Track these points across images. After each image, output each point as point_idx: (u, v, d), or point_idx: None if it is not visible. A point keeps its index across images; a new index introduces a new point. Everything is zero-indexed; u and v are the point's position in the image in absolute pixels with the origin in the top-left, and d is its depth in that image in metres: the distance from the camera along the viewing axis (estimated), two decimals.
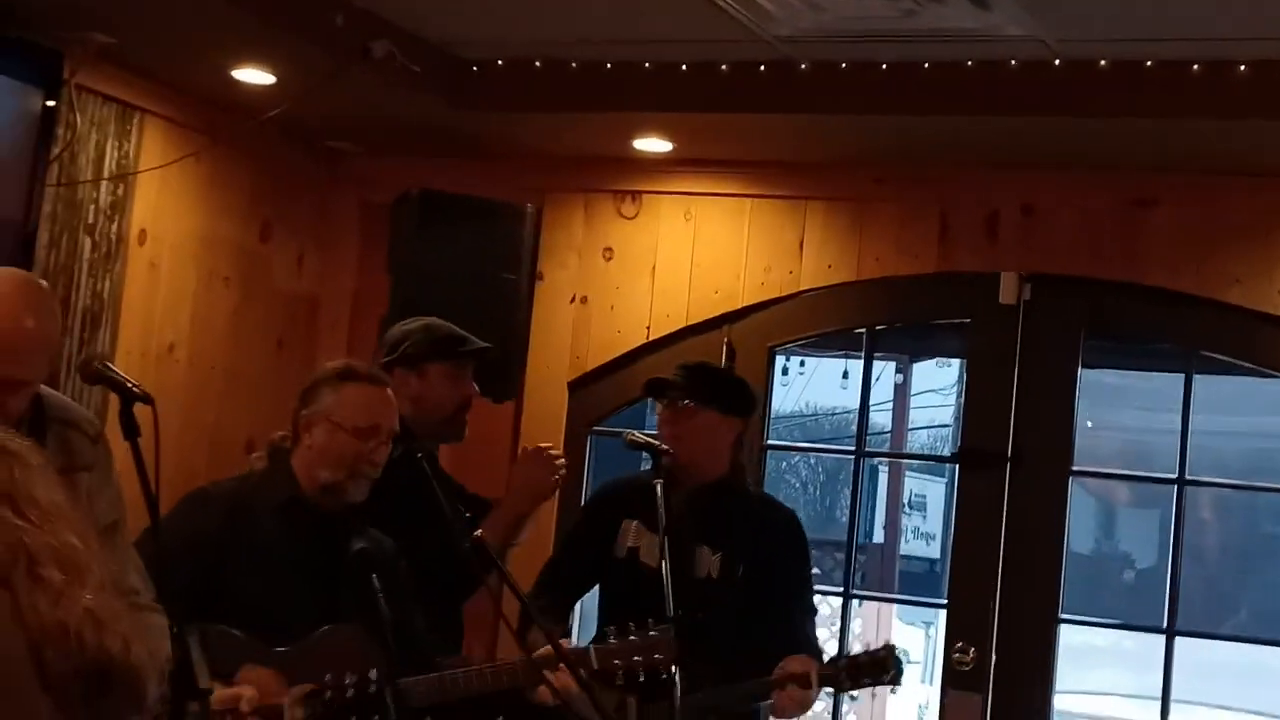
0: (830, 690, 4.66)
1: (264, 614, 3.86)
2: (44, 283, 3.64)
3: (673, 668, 3.98)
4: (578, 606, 5.49)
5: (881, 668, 4.57)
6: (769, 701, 4.55)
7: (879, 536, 14.02)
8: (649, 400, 5.77)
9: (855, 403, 6.67)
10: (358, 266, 6.70)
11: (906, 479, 14.23)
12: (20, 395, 3.36)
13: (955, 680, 5.96)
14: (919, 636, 14.53)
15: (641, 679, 4.02)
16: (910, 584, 14.16)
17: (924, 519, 15.60)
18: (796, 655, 4.53)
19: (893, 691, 4.79)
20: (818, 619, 4.97)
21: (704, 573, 4.59)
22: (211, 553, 3.90)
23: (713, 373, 5.00)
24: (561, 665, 3.87)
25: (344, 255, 6.73)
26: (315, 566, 4.01)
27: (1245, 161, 5.62)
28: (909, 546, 15.20)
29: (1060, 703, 6.15)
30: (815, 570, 5.35)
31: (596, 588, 4.94)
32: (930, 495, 15.12)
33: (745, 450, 4.93)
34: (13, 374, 3.31)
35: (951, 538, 6.24)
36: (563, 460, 4.77)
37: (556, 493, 4.90)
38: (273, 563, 3.96)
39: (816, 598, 5.13)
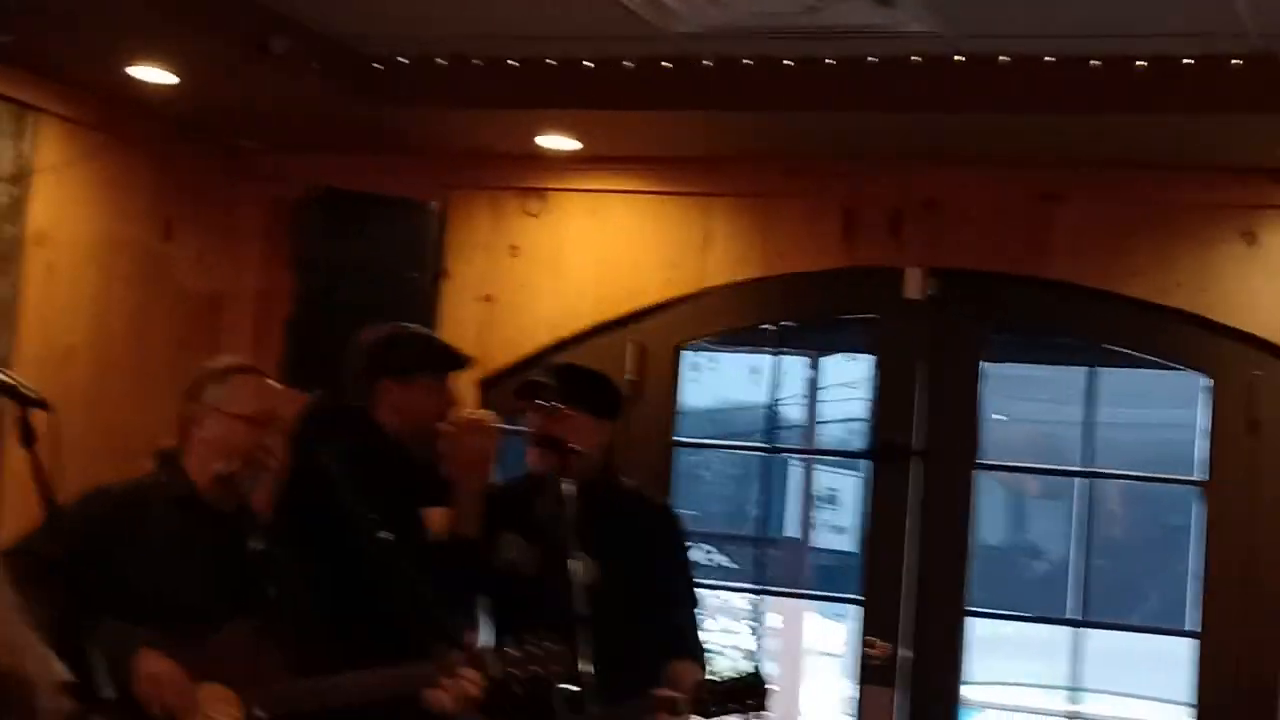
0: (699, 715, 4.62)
1: (159, 608, 3.84)
2: None
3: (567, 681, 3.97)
4: None
5: (748, 694, 4.56)
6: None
7: (792, 531, 14.05)
8: None
9: (765, 398, 6.68)
10: (261, 265, 6.63)
11: (819, 473, 14.26)
12: None
13: (869, 675, 5.98)
14: (838, 630, 14.57)
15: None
16: (825, 578, 14.19)
17: (834, 512, 15.64)
18: (679, 662, 4.53)
19: (758, 717, 4.77)
20: (702, 610, 4.96)
21: (582, 579, 4.54)
22: (101, 543, 3.88)
23: (583, 375, 4.92)
24: (457, 672, 3.84)
25: (247, 253, 6.66)
26: (212, 563, 3.99)
27: (1146, 155, 5.67)
28: (823, 540, 15.23)
29: (972, 694, 6.19)
30: (730, 565, 5.34)
31: None
32: (843, 489, 15.15)
33: (614, 451, 4.88)
34: None
35: (863, 532, 6.26)
36: (495, 422, 4.67)
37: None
38: (168, 557, 3.94)
39: (730, 595, 5.12)
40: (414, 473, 4.51)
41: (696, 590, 4.94)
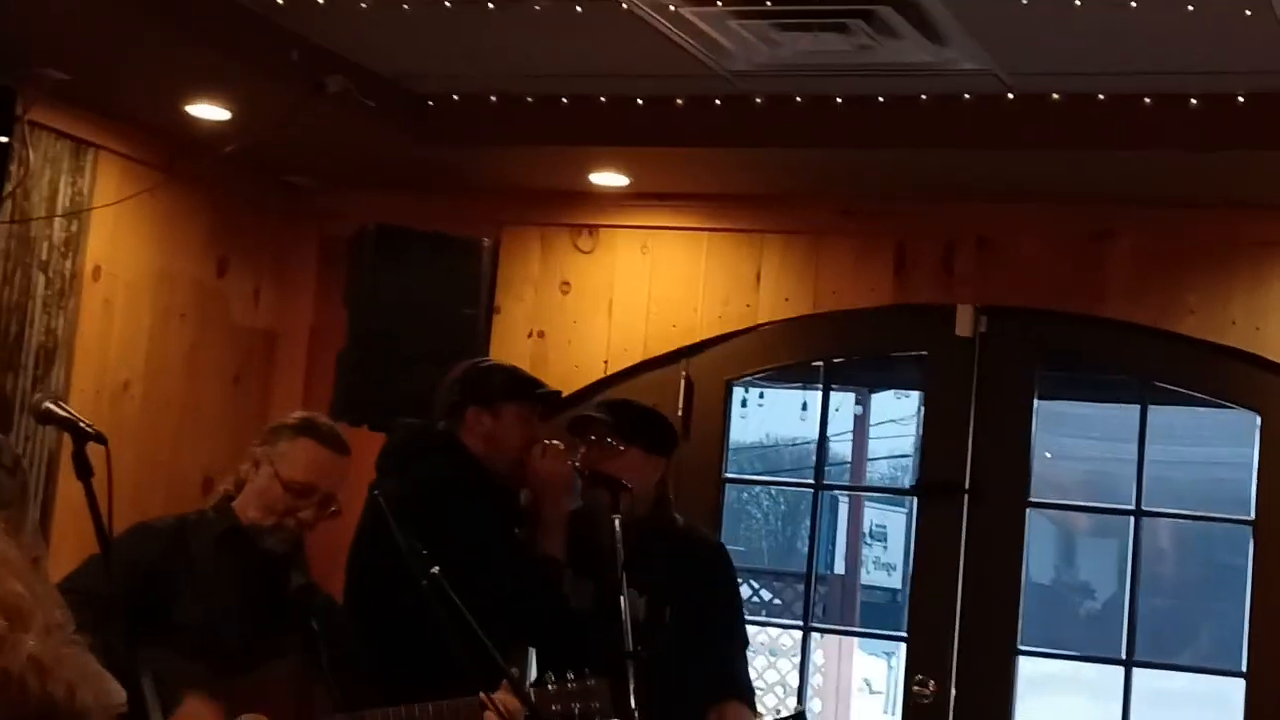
0: None
1: (205, 641, 3.87)
2: None
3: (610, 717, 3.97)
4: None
5: None
6: None
7: (840, 568, 14.01)
8: None
9: (814, 434, 6.68)
10: (315, 301, 6.68)
11: (867, 509, 14.23)
12: None
13: (916, 713, 5.95)
14: (881, 667, 14.51)
15: None
16: (872, 615, 14.16)
17: (885, 549, 15.60)
18: (728, 704, 4.53)
19: None
20: (752, 648, 4.99)
21: (633, 616, 4.56)
22: (151, 581, 3.92)
23: (636, 410, 4.96)
24: (500, 705, 3.85)
25: (301, 290, 6.70)
26: (255, 598, 4.02)
27: (1199, 193, 5.65)
28: (870, 577, 15.19)
29: None
30: (776, 601, 5.36)
31: None
32: (891, 525, 15.13)
33: (669, 487, 4.91)
34: None
35: (911, 569, 6.25)
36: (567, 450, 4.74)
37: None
38: (213, 591, 3.98)
39: (776, 631, 5.14)
40: (504, 497, 4.59)
41: (745, 629, 4.95)
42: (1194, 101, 5.11)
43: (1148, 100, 5.16)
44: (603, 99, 5.65)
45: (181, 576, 3.97)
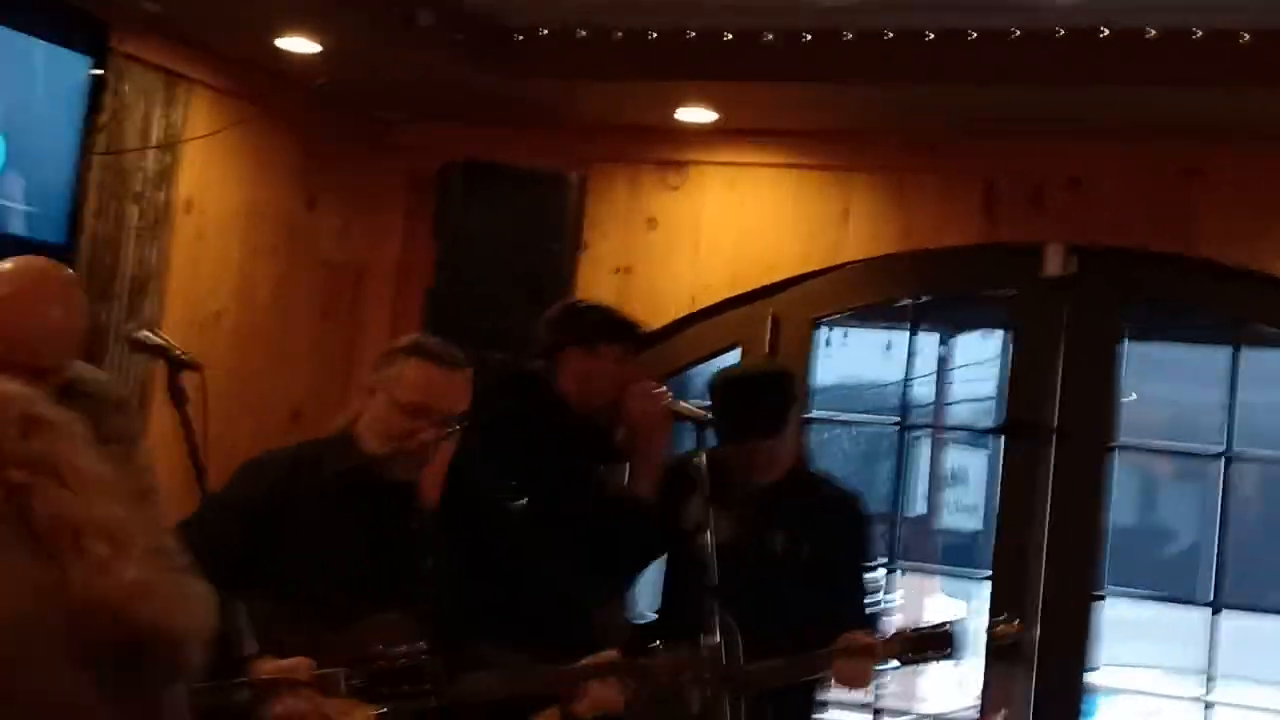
0: (893, 664, 4.67)
1: (310, 586, 3.84)
2: (68, 270, 3.66)
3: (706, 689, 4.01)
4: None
5: (942, 643, 4.59)
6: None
7: (920, 508, 13.94)
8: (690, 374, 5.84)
9: (897, 375, 6.65)
10: (403, 236, 6.70)
11: (949, 451, 14.14)
12: (47, 382, 3.37)
13: (997, 654, 5.94)
14: (960, 609, 14.43)
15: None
16: (952, 556, 14.07)
17: (966, 491, 15.50)
18: (855, 632, 4.56)
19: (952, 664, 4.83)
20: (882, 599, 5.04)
21: (771, 552, 4.60)
22: (262, 523, 3.88)
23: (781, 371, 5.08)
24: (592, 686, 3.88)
25: (389, 224, 6.73)
26: (367, 540, 3.96)
27: None
28: (950, 519, 15.10)
29: (1101, 677, 6.14)
30: None
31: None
32: (972, 468, 15.02)
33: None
34: (39, 363, 3.33)
35: (995, 511, 6.22)
36: (662, 388, 4.79)
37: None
38: (324, 533, 3.92)
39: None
40: (590, 435, 4.61)
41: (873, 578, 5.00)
42: None
43: (1245, 36, 5.09)
44: (691, 33, 5.62)
45: (293, 517, 3.92)
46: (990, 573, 6.12)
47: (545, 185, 6.06)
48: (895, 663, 4.63)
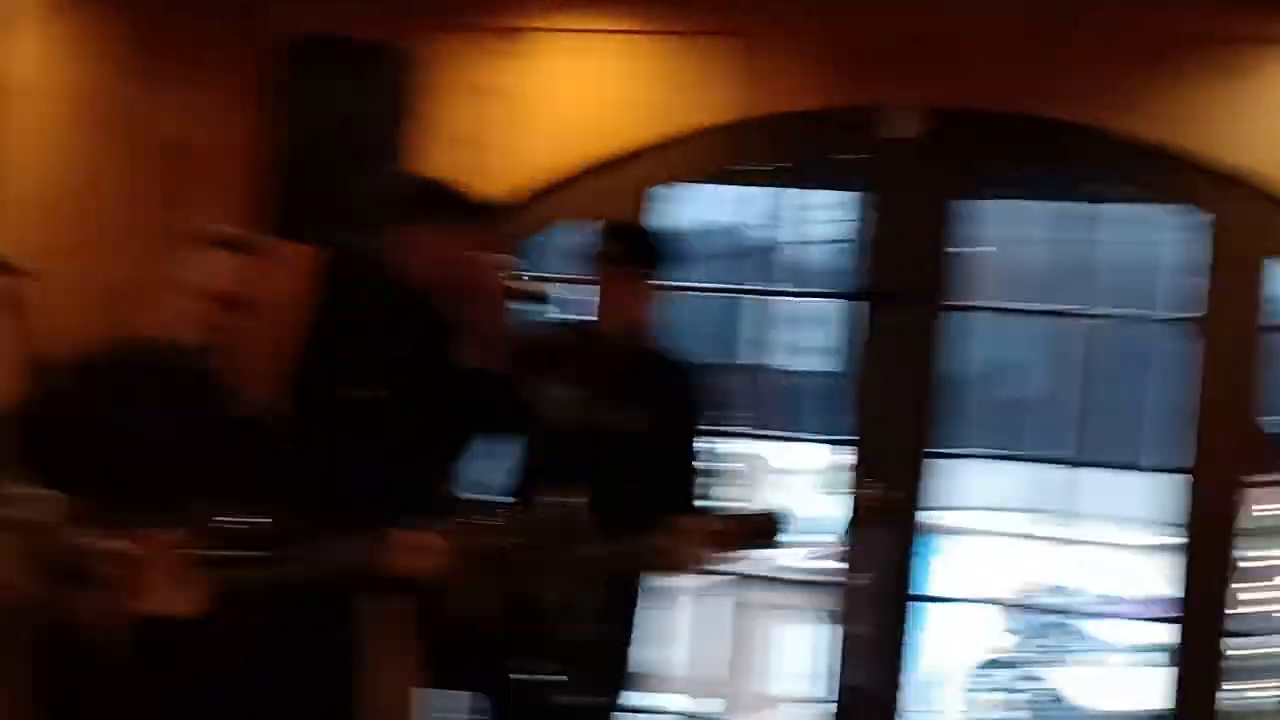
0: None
1: (130, 487, 3.77)
2: None
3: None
4: None
5: (762, 530, 4.61)
6: None
7: (763, 357, 14.00)
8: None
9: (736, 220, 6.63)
10: (241, 112, 6.48)
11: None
12: None
13: (864, 518, 5.98)
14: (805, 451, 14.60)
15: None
16: (798, 401, 14.15)
17: (801, 334, 15.56)
18: (688, 515, 4.56)
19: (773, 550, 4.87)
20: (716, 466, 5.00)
21: (615, 429, 4.55)
22: (76, 426, 3.81)
23: (636, 232, 4.98)
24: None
25: (227, 101, 6.50)
26: (187, 431, 3.92)
27: None
28: (795, 363, 15.16)
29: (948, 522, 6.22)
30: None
31: None
32: (806, 311, 15.09)
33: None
34: None
35: (855, 376, 6.23)
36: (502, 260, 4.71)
37: None
38: (139, 432, 3.86)
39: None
40: (435, 315, 4.52)
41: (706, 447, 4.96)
42: None
43: None
44: None
45: (105, 416, 3.85)
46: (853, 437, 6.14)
47: (384, 57, 5.89)
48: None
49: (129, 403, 3.87)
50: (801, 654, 9.64)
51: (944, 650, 6.24)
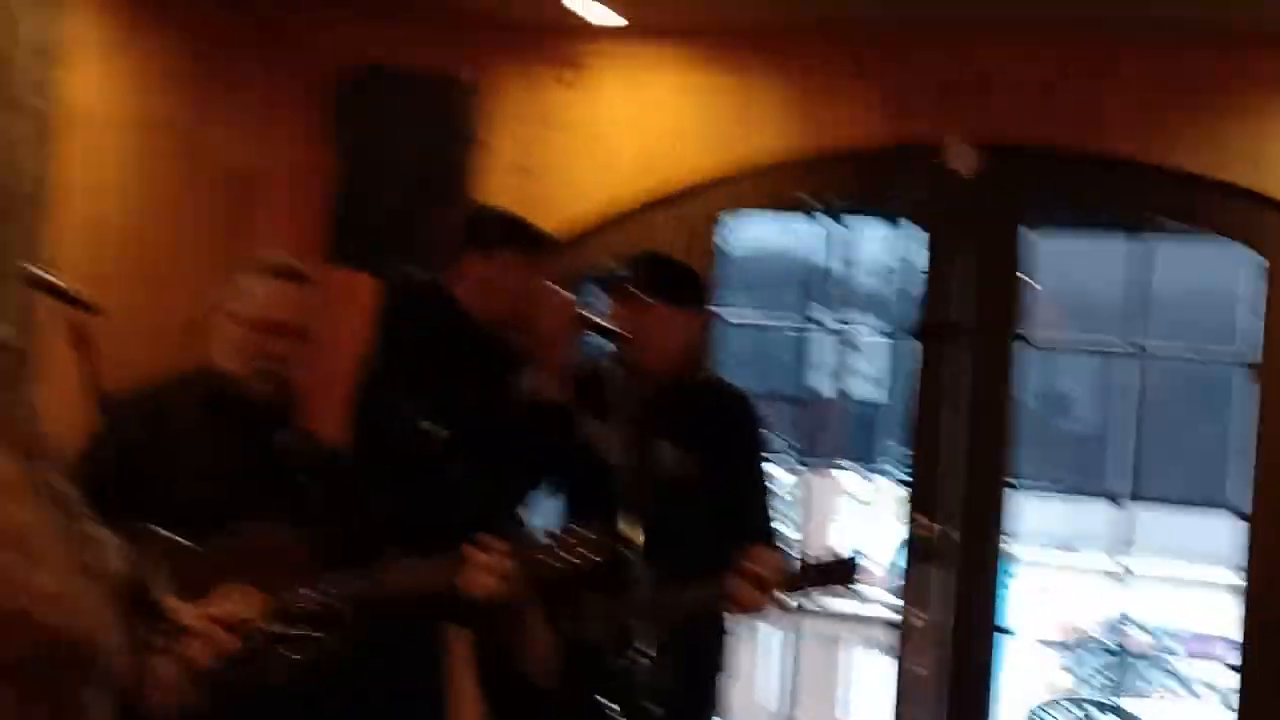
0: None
1: (190, 510, 3.79)
2: None
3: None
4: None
5: (842, 576, 4.57)
6: None
7: (824, 388, 13.98)
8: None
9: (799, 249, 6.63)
10: (299, 143, 6.53)
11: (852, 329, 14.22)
12: None
13: (920, 552, 5.95)
14: (868, 491, 14.61)
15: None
16: (859, 430, 14.13)
17: (870, 363, 15.56)
18: (757, 549, 4.51)
19: (847, 592, 4.82)
20: (778, 498, 4.97)
21: (665, 469, 4.52)
22: (129, 464, 3.83)
23: (665, 264, 4.91)
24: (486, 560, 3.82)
25: (284, 132, 6.55)
26: (241, 460, 3.93)
27: (1201, 21, 5.53)
28: (858, 390, 15.14)
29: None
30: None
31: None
32: (872, 340, 15.08)
33: (703, 342, 4.88)
34: None
35: (914, 411, 6.21)
36: (569, 295, 4.69)
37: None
38: (196, 464, 3.88)
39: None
40: (499, 348, 4.52)
41: (769, 477, 4.93)
42: None
43: None
44: None
45: (162, 451, 3.86)
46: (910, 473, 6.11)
47: (443, 88, 5.92)
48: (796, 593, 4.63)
49: (186, 436, 3.89)
50: (864, 689, 9.63)
51: (1007, 687, 6.19)
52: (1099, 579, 6.63)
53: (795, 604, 4.93)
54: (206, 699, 3.35)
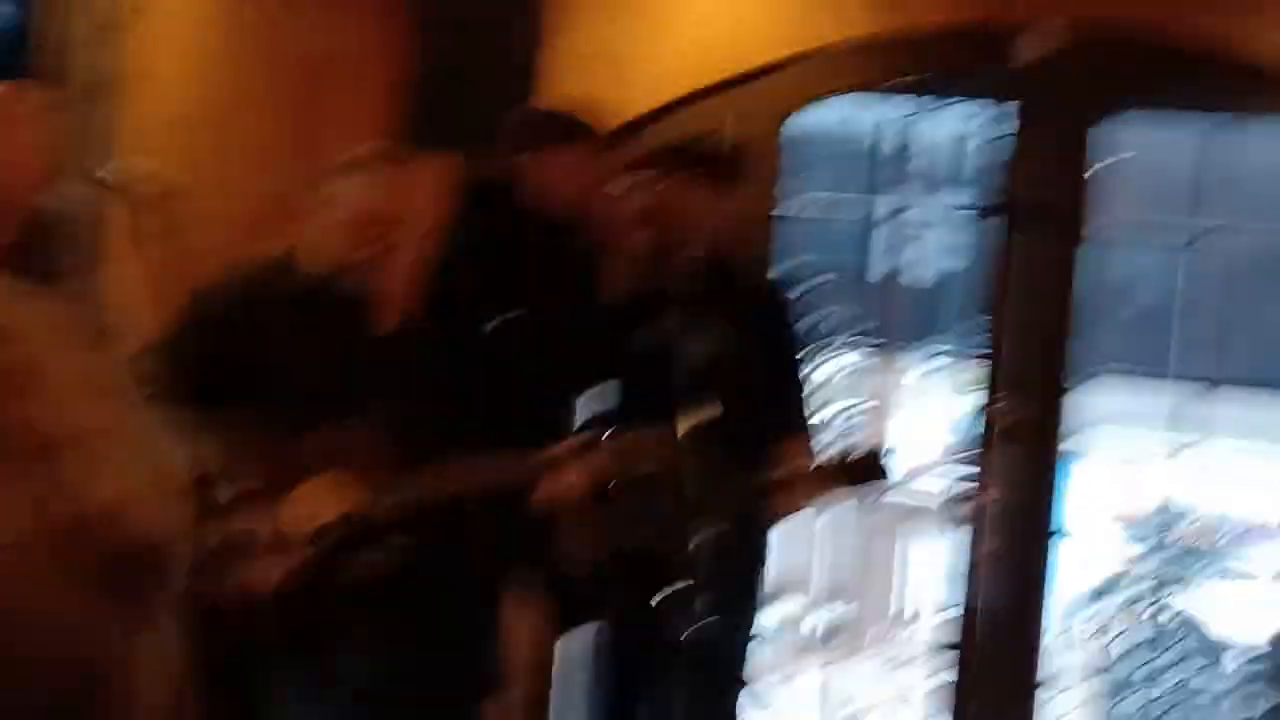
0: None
1: (276, 406, 3.85)
2: (37, 92, 3.43)
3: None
4: None
5: (868, 473, 4.58)
6: None
7: (885, 267, 13.90)
8: None
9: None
10: (375, 25, 6.51)
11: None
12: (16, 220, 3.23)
13: (996, 435, 5.93)
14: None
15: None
16: (921, 310, 14.06)
17: (952, 235, 15.43)
18: (790, 440, 4.54)
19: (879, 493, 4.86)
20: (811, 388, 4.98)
21: (699, 353, 4.49)
22: (222, 346, 3.89)
23: (701, 146, 4.91)
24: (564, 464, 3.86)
25: (357, 15, 6.54)
26: (330, 351, 3.98)
27: None
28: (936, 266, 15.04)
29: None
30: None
31: None
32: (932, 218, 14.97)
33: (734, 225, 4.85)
34: (13, 203, 3.17)
35: (987, 292, 6.18)
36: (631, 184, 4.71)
37: None
38: (284, 353, 3.94)
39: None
40: (568, 241, 4.54)
41: (803, 369, 4.93)
42: None
43: None
44: None
45: (251, 338, 3.92)
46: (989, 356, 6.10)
47: None
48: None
49: (275, 325, 3.94)
50: (932, 569, 9.65)
51: (1077, 572, 6.21)
52: (1167, 462, 6.63)
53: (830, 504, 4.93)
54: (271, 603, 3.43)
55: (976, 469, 5.97)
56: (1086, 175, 5.88)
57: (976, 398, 5.99)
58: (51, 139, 3.37)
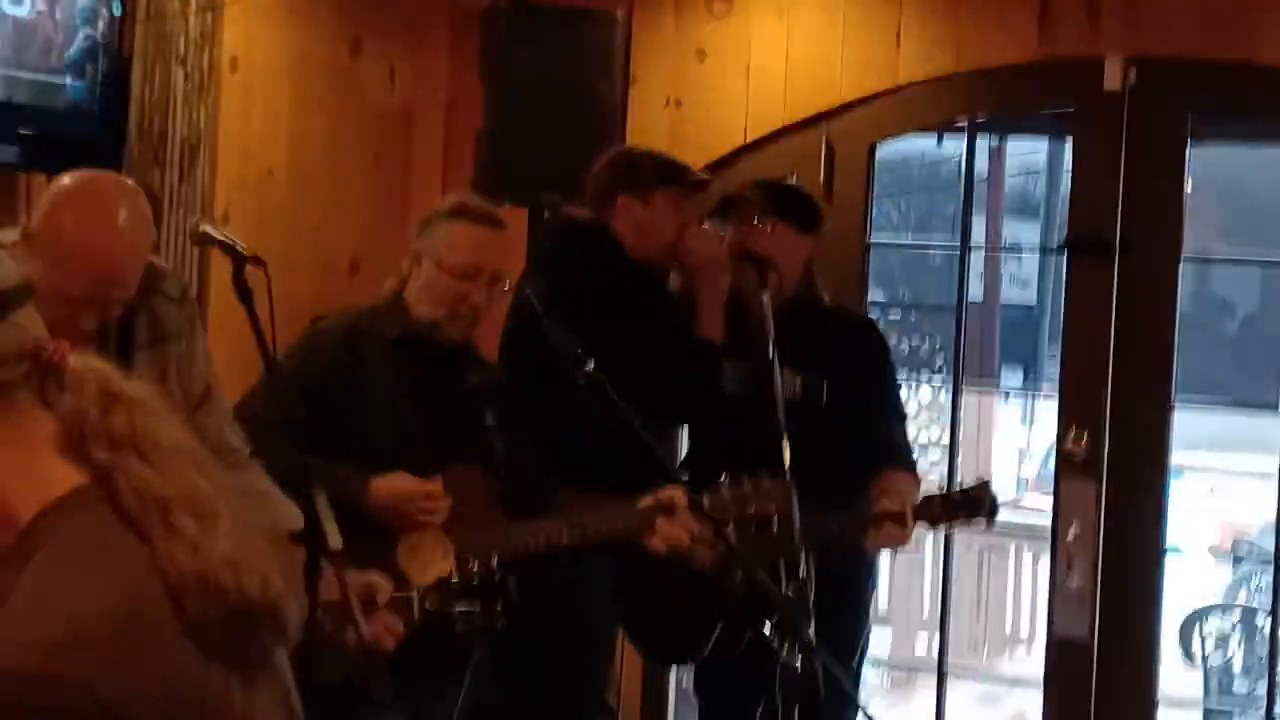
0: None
1: (376, 451, 3.90)
2: (130, 182, 3.47)
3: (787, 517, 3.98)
4: None
5: (976, 506, 4.59)
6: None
7: (976, 296, 13.87)
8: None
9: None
10: (450, 78, 6.62)
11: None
12: (119, 304, 3.28)
13: (1069, 469, 5.93)
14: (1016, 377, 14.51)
15: (752, 529, 4.04)
16: (1010, 336, 14.05)
17: (1019, 264, 15.40)
18: (891, 473, 4.55)
19: (987, 527, 4.82)
20: (908, 422, 5.00)
21: (787, 395, 4.52)
22: (323, 391, 3.95)
23: (783, 188, 4.97)
24: (672, 514, 3.89)
25: (435, 67, 6.65)
26: (428, 401, 4.04)
27: None
28: (1005, 294, 15.04)
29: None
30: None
31: None
32: (1024, 238, 14.91)
33: (816, 266, 4.90)
34: (120, 297, 3.23)
35: (1062, 327, 6.19)
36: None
37: None
38: (384, 398, 3.99)
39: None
40: (651, 284, 4.59)
41: (901, 402, 4.96)
42: None
43: None
44: None
45: (352, 384, 3.98)
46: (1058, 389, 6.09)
47: (591, 20, 5.96)
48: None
49: (378, 372, 4.00)
50: (1020, 599, 9.62)
51: (1165, 594, 6.17)
52: (1260, 484, 6.56)
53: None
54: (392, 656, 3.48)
55: (1056, 501, 5.96)
56: (1157, 206, 5.86)
57: (1063, 427, 5.97)
58: (149, 226, 3.40)
